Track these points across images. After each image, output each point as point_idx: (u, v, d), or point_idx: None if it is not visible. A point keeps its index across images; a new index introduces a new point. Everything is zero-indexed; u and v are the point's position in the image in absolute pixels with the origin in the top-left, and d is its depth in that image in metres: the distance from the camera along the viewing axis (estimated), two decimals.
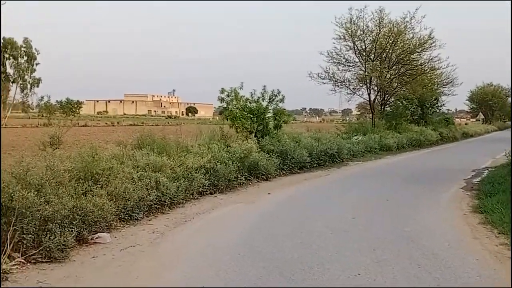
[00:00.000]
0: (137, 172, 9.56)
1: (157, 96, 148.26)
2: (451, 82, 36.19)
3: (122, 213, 8.36)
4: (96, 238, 7.25)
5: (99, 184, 8.32)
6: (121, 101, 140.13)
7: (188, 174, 10.87)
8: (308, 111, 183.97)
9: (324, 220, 8.97)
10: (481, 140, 41.96)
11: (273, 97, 16.53)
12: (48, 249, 6.32)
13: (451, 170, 17.58)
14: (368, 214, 9.61)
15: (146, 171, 9.76)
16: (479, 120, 73.96)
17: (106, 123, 60.70)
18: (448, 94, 38.19)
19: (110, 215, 7.78)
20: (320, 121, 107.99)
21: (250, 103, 16.32)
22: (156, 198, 9.27)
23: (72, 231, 6.76)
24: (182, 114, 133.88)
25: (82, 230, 7.08)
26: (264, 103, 16.41)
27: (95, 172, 8.65)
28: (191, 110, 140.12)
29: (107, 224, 7.74)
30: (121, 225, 8.26)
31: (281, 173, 14.95)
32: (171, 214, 9.44)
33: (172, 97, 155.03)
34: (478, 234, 8.11)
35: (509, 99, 78.96)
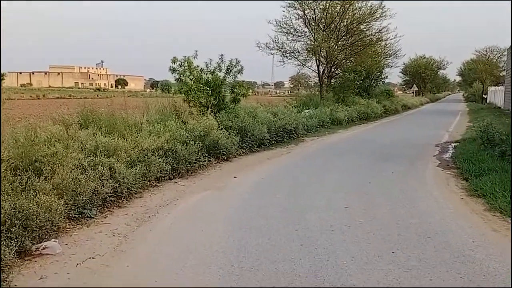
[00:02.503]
0: (86, 157, 7.83)
1: (85, 67, 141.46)
2: (394, 54, 35.57)
3: (72, 211, 6.67)
4: (43, 248, 5.56)
5: (43, 175, 6.54)
6: (46, 73, 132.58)
7: (145, 157, 9.24)
8: None
9: (314, 212, 7.61)
10: (421, 112, 42.09)
11: (231, 68, 14.89)
12: None
13: (414, 145, 16.74)
14: (359, 202, 8.32)
15: (96, 156, 8.04)
16: (412, 92, 75.11)
17: (31, 96, 56.85)
18: (392, 66, 37.66)
19: (59, 216, 6.08)
20: (255, 94, 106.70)
21: (205, 74, 14.61)
22: (112, 189, 7.59)
23: (11, 242, 5.07)
24: (112, 87, 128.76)
25: (24, 239, 5.37)
26: (221, 74, 14.76)
27: (35, 159, 6.86)
28: (121, 82, 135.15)
29: (54, 227, 6.05)
30: (71, 226, 6.57)
31: (241, 151, 13.48)
32: (129, 207, 7.80)
33: (100, 68, 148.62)
34: (494, 224, 7.02)
35: (441, 71, 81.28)
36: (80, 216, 6.83)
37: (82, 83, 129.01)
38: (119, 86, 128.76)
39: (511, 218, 6.84)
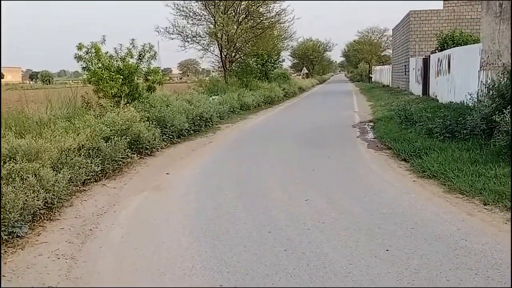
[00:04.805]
0: (7, 164, 6.54)
1: None
2: (290, 36, 35.68)
3: (1, 232, 5.45)
4: None
5: None
6: None
7: (66, 159, 8.02)
8: None
9: (277, 209, 6.92)
10: (317, 94, 42.96)
11: (144, 53, 13.68)
12: None
13: (332, 127, 16.57)
14: (316, 194, 7.73)
15: (17, 162, 6.75)
16: (302, 75, 76.64)
17: None
18: (287, 49, 37.85)
19: None
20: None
21: (116, 61, 13.29)
22: (42, 200, 6.39)
23: None
24: None
25: None
26: (133, 61, 13.51)
27: None
28: None
29: None
30: (2, 251, 5.35)
31: (163, 144, 12.44)
32: (62, 219, 6.64)
33: None
34: (464, 207, 6.72)
35: (327, 53, 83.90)
36: (9, 237, 5.62)
37: None
38: None
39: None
